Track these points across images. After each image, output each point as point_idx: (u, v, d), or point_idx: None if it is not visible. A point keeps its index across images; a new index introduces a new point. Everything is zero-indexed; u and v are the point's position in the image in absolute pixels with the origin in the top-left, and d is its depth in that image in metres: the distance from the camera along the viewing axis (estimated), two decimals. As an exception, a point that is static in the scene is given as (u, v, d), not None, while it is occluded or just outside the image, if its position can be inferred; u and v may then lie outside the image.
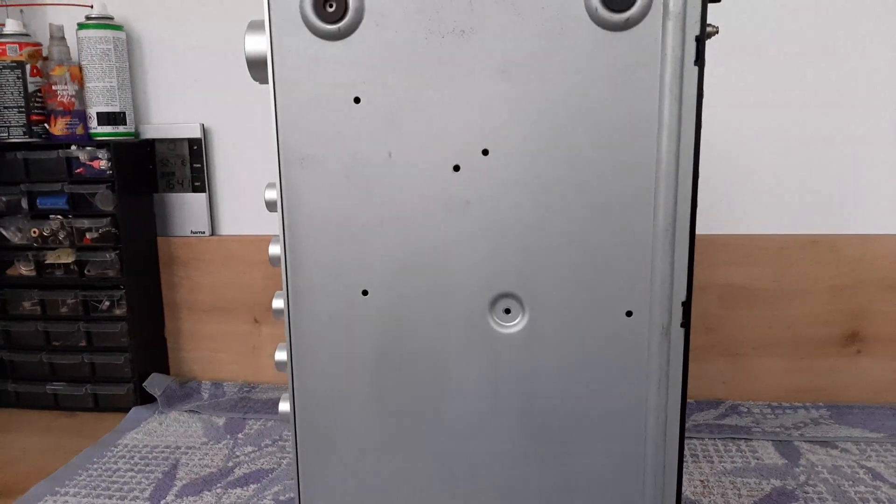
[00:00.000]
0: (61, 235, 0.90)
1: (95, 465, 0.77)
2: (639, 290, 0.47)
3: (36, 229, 0.90)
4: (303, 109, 0.47)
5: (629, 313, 0.47)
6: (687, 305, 0.47)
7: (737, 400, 0.90)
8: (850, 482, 0.70)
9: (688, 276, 0.46)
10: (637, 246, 0.46)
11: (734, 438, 0.80)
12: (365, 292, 0.49)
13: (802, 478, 0.72)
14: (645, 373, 0.47)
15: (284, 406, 0.52)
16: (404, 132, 0.46)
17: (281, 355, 0.52)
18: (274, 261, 0.50)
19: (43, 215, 0.90)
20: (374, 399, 0.50)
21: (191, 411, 0.91)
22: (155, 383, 0.94)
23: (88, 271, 0.91)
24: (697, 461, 0.76)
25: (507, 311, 0.48)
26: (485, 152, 0.46)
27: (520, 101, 0.45)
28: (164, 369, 0.99)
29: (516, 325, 0.48)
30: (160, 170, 0.97)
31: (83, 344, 0.93)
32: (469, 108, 0.46)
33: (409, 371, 0.49)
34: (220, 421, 0.88)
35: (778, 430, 0.82)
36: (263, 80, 0.48)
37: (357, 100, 0.46)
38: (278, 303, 0.51)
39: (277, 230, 0.49)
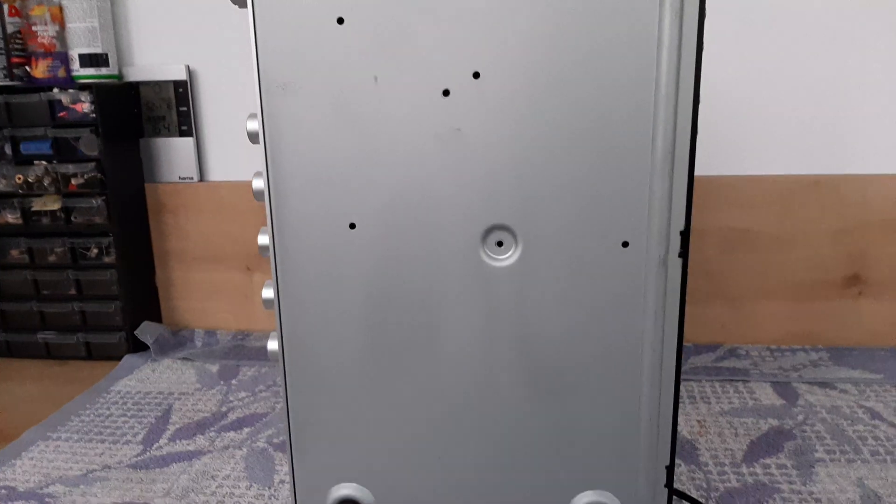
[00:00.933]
0: (46, 181, 0.88)
1: (87, 411, 0.77)
2: (635, 220, 0.45)
3: (20, 175, 0.88)
4: (283, 32, 0.44)
5: (625, 244, 0.45)
6: (685, 235, 0.45)
7: (735, 344, 0.89)
8: (849, 421, 0.70)
9: (686, 204, 0.45)
10: (634, 173, 0.44)
11: (732, 380, 0.80)
12: (352, 226, 0.47)
13: (801, 417, 0.71)
14: (641, 305, 0.46)
15: (273, 345, 0.51)
16: (390, 54, 0.44)
17: (268, 293, 0.50)
18: (258, 195, 0.48)
19: (27, 161, 0.88)
20: (364, 336, 0.49)
21: (184, 359, 0.91)
22: (147, 331, 0.93)
23: (75, 218, 0.89)
24: (694, 402, 0.75)
25: (500, 243, 0.46)
26: (476, 75, 0.44)
27: (512, 20, 0.43)
28: (156, 318, 0.98)
29: (509, 257, 0.46)
30: (146, 114, 0.94)
31: (73, 292, 0.91)
32: (459, 28, 0.43)
33: (399, 307, 0.48)
34: (214, 368, 0.88)
35: (776, 372, 0.82)
36: (242, 3, 0.45)
37: (340, 20, 0.44)
38: (263, 238, 0.49)
39: (260, 163, 0.47)
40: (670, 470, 0.49)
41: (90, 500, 0.60)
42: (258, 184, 0.47)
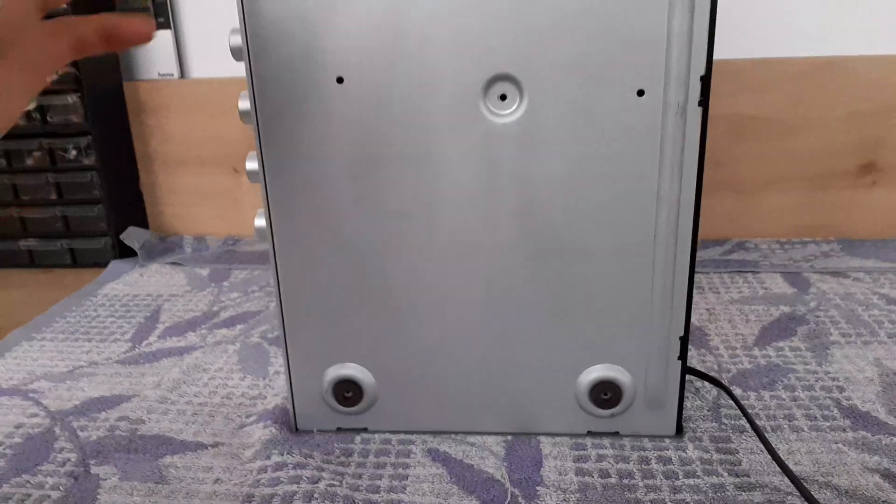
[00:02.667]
0: (15, 77, 0.82)
1: (74, 314, 0.74)
2: (652, 64, 0.41)
3: (-13, 71, 0.82)
4: None
5: (640, 92, 0.41)
6: (706, 80, 0.41)
7: (744, 237, 0.86)
8: (864, 307, 0.67)
9: (708, 45, 0.40)
10: (651, 11, 0.40)
11: (741, 272, 0.77)
12: (340, 79, 0.42)
13: (813, 304, 0.69)
14: (657, 161, 0.42)
15: (260, 221, 0.47)
16: None
17: (252, 164, 0.46)
18: (236, 53, 0.43)
19: (-7, 55, 0.82)
20: (356, 201, 0.45)
21: (173, 263, 0.88)
22: (133, 236, 0.89)
23: (51, 118, 0.84)
24: (703, 292, 0.73)
25: (503, 96, 0.42)
26: None
27: None
28: (142, 225, 0.95)
29: (513, 112, 0.42)
30: (119, 6, 0.88)
31: (53, 197, 0.87)
32: None
33: (393, 169, 0.44)
34: (204, 272, 0.85)
35: (787, 263, 0.79)
36: None
37: None
38: (244, 103, 0.45)
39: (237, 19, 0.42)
40: (684, 341, 0.46)
41: (76, 394, 0.58)
42: (235, 40, 0.43)
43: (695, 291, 0.72)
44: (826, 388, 0.54)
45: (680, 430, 0.49)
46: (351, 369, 0.50)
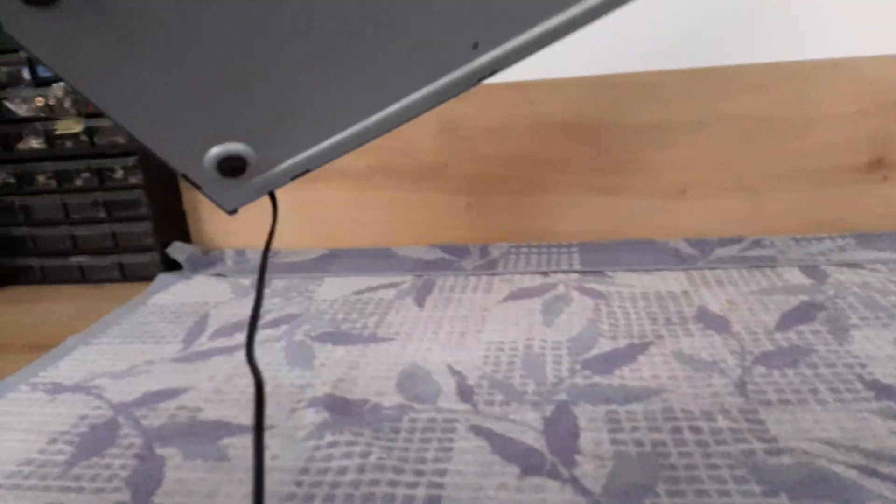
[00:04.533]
0: (67, 103, 0.88)
1: (127, 321, 0.78)
2: None
3: (41, 98, 0.88)
4: None
5: None
6: None
7: (760, 235, 0.89)
8: (881, 294, 0.70)
9: None
10: None
11: (759, 266, 0.80)
12: None
13: (831, 293, 0.71)
14: None
15: None
16: None
17: None
18: None
19: (45, 83, 0.88)
20: None
21: (217, 275, 0.92)
22: (179, 250, 0.94)
23: (98, 140, 0.90)
24: (722, 285, 0.75)
25: None
26: None
27: None
28: (187, 240, 0.99)
29: None
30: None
31: (102, 214, 0.93)
32: None
33: None
34: (247, 281, 0.89)
35: (804, 257, 0.82)
36: None
37: None
38: None
39: None
40: None
41: (136, 388, 0.62)
42: None
43: (714, 285, 0.75)
44: (848, 364, 0.57)
45: None
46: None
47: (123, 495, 0.48)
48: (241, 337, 0.71)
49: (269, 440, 0.53)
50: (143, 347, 0.71)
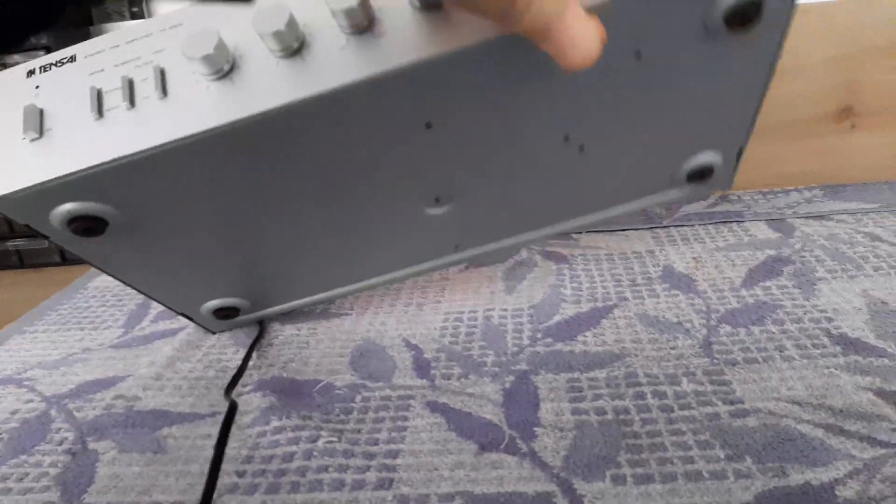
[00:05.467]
0: None
1: (65, 306, 0.74)
2: None
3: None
4: None
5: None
6: None
7: (727, 191, 0.87)
8: (848, 245, 0.68)
9: None
10: None
11: (725, 222, 0.78)
12: None
13: (798, 246, 0.69)
14: None
15: None
16: None
17: None
18: None
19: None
20: None
21: (162, 255, 0.87)
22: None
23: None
24: (688, 243, 0.73)
25: None
26: None
27: None
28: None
29: None
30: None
31: (37, 196, 0.87)
32: None
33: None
34: (194, 260, 0.85)
35: (770, 211, 0.80)
36: None
37: None
38: None
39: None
40: None
41: (71, 378, 0.58)
42: None
43: (680, 242, 0.73)
44: (815, 319, 0.55)
45: None
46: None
47: (53, 495, 0.44)
48: (184, 320, 0.67)
49: (212, 428, 0.49)
50: (80, 334, 0.67)
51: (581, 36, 0.30)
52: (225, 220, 0.45)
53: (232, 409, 0.48)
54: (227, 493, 0.43)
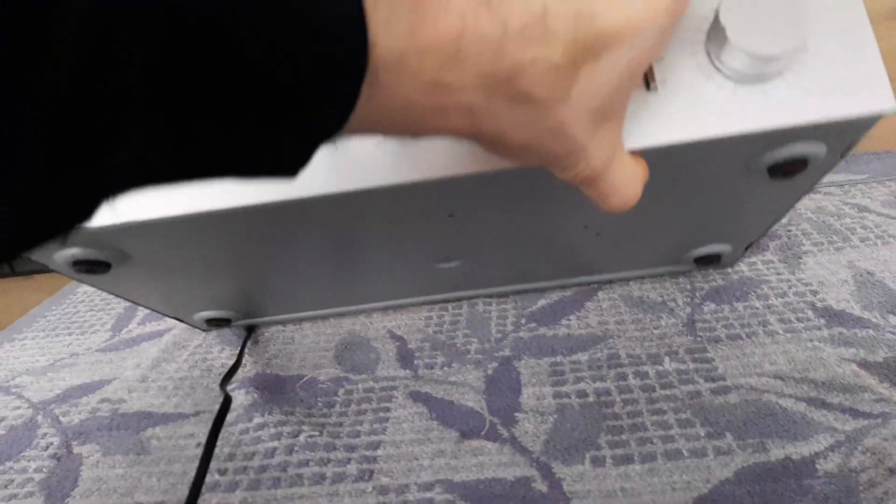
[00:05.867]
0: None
1: (54, 312, 0.74)
2: None
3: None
4: None
5: None
6: None
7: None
8: (835, 217, 0.67)
9: None
10: None
11: (713, 199, 0.77)
12: None
13: (784, 220, 0.69)
14: None
15: None
16: None
17: None
18: None
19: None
20: None
21: (151, 257, 0.87)
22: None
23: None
24: (676, 222, 0.72)
25: None
26: None
27: None
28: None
29: None
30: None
31: (23, 204, 0.87)
32: None
33: None
34: (182, 261, 0.85)
35: (758, 186, 0.79)
36: None
37: None
38: None
39: None
40: None
41: (58, 384, 0.58)
42: None
43: (668, 222, 0.72)
44: (799, 293, 0.55)
45: None
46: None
47: (37, 500, 0.44)
48: (172, 321, 0.67)
49: (195, 427, 0.49)
50: (69, 339, 0.67)
51: (623, 184, 0.28)
52: (233, 261, 0.46)
53: (227, 403, 0.48)
54: (209, 492, 0.42)
